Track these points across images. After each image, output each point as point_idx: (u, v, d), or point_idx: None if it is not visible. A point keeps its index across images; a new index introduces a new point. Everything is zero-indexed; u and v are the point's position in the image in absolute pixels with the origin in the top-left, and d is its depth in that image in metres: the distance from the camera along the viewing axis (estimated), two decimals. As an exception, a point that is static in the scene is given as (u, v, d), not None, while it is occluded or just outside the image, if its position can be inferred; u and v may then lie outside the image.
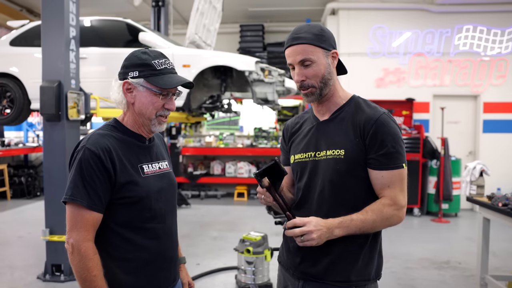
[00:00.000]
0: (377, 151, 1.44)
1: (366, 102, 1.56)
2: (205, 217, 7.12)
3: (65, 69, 4.07)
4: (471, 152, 7.99)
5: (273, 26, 9.39)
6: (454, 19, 7.75)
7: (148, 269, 1.52)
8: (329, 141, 1.52)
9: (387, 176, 1.45)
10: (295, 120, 1.71)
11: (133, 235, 1.49)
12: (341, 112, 1.54)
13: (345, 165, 1.47)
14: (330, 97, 1.55)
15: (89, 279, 1.37)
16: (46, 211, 4.22)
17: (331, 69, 1.51)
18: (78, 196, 1.39)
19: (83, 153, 1.42)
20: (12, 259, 4.81)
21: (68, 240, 1.40)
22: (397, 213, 1.45)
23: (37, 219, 6.67)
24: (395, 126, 1.48)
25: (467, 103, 7.96)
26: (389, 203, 1.44)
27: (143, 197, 1.48)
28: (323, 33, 1.49)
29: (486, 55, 7.75)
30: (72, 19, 4.13)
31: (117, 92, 1.54)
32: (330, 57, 1.50)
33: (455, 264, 4.80)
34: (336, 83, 1.56)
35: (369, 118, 1.47)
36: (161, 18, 6.74)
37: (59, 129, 4.10)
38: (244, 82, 5.47)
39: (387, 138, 1.44)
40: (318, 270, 1.49)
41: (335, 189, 1.48)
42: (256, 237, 3.96)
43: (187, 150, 8.92)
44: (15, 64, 5.16)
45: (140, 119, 1.55)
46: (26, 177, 8.80)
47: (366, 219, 1.41)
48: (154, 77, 1.49)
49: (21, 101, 5.10)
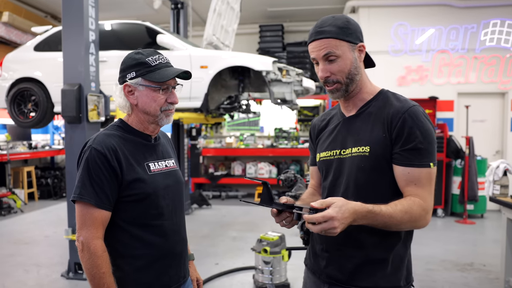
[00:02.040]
0: (403, 145, 1.34)
1: (395, 96, 1.46)
2: (225, 217, 7.15)
3: (85, 72, 4.17)
4: (498, 152, 7.73)
5: (293, 26, 9.33)
6: (479, 13, 7.51)
7: (157, 266, 1.53)
8: (355, 138, 1.45)
9: (414, 173, 1.34)
10: (322, 117, 1.65)
11: (141, 232, 1.51)
12: (368, 107, 1.47)
13: (370, 162, 1.39)
14: (357, 93, 1.48)
15: (98, 276, 1.40)
16: (68, 211, 4.35)
17: (357, 64, 1.42)
18: (86, 195, 1.42)
19: (89, 152, 1.46)
20: (38, 258, 4.96)
21: (78, 238, 1.43)
22: (425, 216, 1.33)
23: (62, 219, 6.86)
24: (426, 121, 1.36)
25: (494, 100, 7.70)
26: (419, 203, 1.32)
27: (150, 194, 1.50)
28: (349, 26, 1.40)
29: (516, 50, 7.46)
30: (91, 23, 4.23)
31: (119, 97, 1.57)
32: (357, 50, 1.42)
33: (479, 266, 4.66)
34: (364, 77, 1.48)
35: (397, 110, 1.38)
36: (180, 20, 6.81)
37: (80, 131, 4.20)
38: (261, 82, 5.46)
39: (415, 132, 1.33)
40: (344, 275, 1.43)
41: (360, 188, 1.41)
42: (273, 237, 3.95)
43: (208, 151, 8.99)
44: (39, 69, 5.33)
45: (146, 118, 1.57)
46: (52, 178, 9.07)
47: (394, 214, 1.27)
48: (150, 73, 1.51)
49: (45, 105, 5.25)
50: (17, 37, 7.91)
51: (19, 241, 5.64)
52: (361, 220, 1.23)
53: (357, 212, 1.21)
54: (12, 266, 4.65)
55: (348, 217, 1.18)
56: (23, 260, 4.85)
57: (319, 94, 8.20)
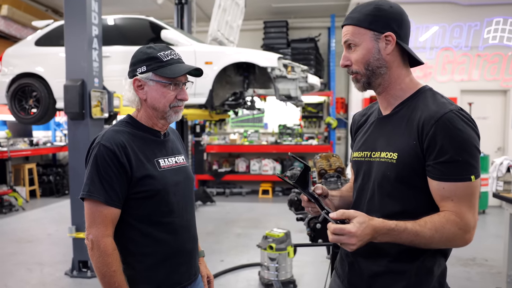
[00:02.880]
0: (436, 158, 1.20)
1: (435, 96, 1.30)
2: (229, 214, 7.10)
3: (88, 67, 4.09)
4: (499, 148, 7.73)
5: (297, 22, 9.24)
6: (483, 11, 7.49)
7: (167, 264, 1.51)
8: (385, 142, 1.34)
9: (450, 189, 1.19)
10: (363, 112, 1.54)
11: (151, 229, 1.48)
12: (403, 108, 1.33)
13: (396, 171, 1.26)
14: (387, 88, 1.35)
15: (109, 274, 1.38)
16: (72, 208, 4.28)
17: (380, 55, 1.29)
18: (95, 192, 1.40)
19: (98, 149, 1.43)
20: (41, 256, 4.91)
21: (88, 236, 1.41)
22: (462, 235, 1.19)
23: (64, 216, 6.80)
24: (466, 128, 1.19)
25: (496, 98, 7.72)
26: (454, 220, 1.18)
27: (160, 190, 1.47)
28: (377, 12, 1.28)
29: (517, 49, 7.46)
30: (94, 17, 4.15)
31: (128, 91, 1.54)
32: (383, 41, 1.28)
33: (482, 261, 4.65)
34: (395, 72, 1.32)
35: (430, 116, 1.21)
36: (184, 15, 6.72)
37: (83, 127, 4.13)
38: (267, 79, 5.39)
39: (451, 142, 1.18)
40: (363, 282, 1.36)
41: (385, 198, 1.30)
42: (279, 233, 3.94)
43: (212, 148, 8.93)
44: (40, 64, 5.25)
45: (154, 113, 1.54)
46: (54, 175, 9.01)
47: (422, 233, 1.16)
48: (161, 68, 1.48)
49: (47, 101, 5.18)
50: (16, 31, 7.80)
51: (21, 240, 5.59)
52: (382, 237, 1.16)
53: (377, 230, 1.14)
54: (15, 265, 4.59)
55: (368, 234, 1.12)
56: (25, 259, 4.79)
57: (323, 91, 8.12)
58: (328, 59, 9.10)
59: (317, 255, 4.72)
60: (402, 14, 1.32)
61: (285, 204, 8.69)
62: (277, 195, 8.85)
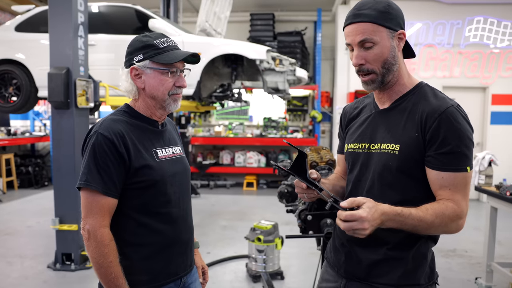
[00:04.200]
0: (438, 149, 1.26)
1: (433, 91, 1.36)
2: (214, 206, 7.08)
3: (73, 55, 3.98)
4: (478, 143, 7.95)
5: (284, 15, 9.21)
6: (465, 10, 7.65)
7: (164, 254, 1.50)
8: (385, 134, 1.37)
9: (449, 178, 1.26)
10: (354, 104, 1.56)
11: (148, 220, 1.47)
12: (403, 102, 1.37)
13: (398, 161, 1.31)
14: (393, 85, 1.38)
15: (105, 265, 1.36)
16: (55, 200, 4.18)
17: (395, 53, 1.32)
18: (93, 182, 1.37)
19: (96, 138, 1.40)
20: (21, 249, 4.78)
21: (84, 226, 1.38)
22: (458, 222, 1.27)
23: (45, 208, 6.66)
24: (465, 123, 1.27)
25: (476, 95, 7.91)
26: (453, 207, 1.25)
27: (158, 181, 1.46)
28: (390, 10, 1.29)
29: (496, 47, 7.67)
30: (80, 4, 4.03)
31: (125, 81, 1.52)
32: (396, 38, 1.31)
33: (462, 252, 4.79)
34: (402, 68, 1.38)
35: (434, 110, 1.28)
36: (170, 5, 6.61)
37: (68, 117, 4.03)
38: (255, 71, 5.37)
39: (453, 135, 1.25)
40: (362, 270, 1.39)
41: (385, 188, 1.34)
42: (267, 225, 3.97)
43: (196, 140, 8.86)
44: (21, 51, 5.07)
45: (153, 102, 1.53)
46: (33, 166, 8.77)
47: (425, 218, 1.22)
48: (158, 55, 1.47)
49: (28, 89, 5.02)
50: (-5, 17, 7.55)
51: (0, 232, 5.43)
52: (390, 222, 1.19)
53: (386, 214, 1.18)
54: (-6, 258, 4.47)
55: (377, 219, 1.15)
56: (4, 252, 4.66)
57: (308, 85, 8.14)
58: (314, 53, 9.12)
59: (303, 247, 4.77)
60: (402, 12, 1.36)
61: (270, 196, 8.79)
62: (262, 187, 8.88)
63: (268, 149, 9.12)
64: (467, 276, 4.08)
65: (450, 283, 3.91)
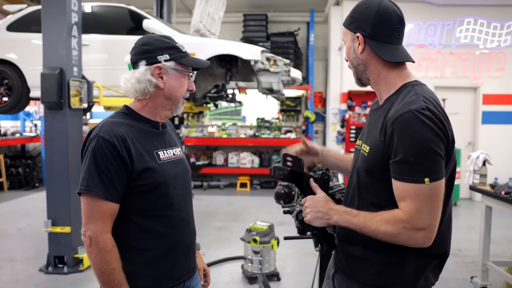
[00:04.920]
0: (393, 157, 1.23)
1: (408, 94, 1.29)
2: (208, 207, 7.05)
3: (67, 56, 3.93)
4: (470, 143, 8.04)
5: (277, 16, 9.22)
6: (455, 11, 7.76)
7: (167, 258, 1.48)
8: (367, 134, 1.41)
9: (402, 188, 1.22)
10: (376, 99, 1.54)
11: (151, 223, 1.45)
12: (386, 103, 1.36)
13: (366, 164, 1.34)
14: (374, 84, 1.41)
15: (108, 272, 1.34)
16: (48, 202, 4.12)
17: (355, 54, 1.37)
18: (94, 187, 1.34)
19: (96, 141, 1.37)
20: (12, 252, 4.70)
21: (85, 232, 1.35)
22: (409, 234, 1.21)
23: (36, 210, 6.57)
24: (422, 129, 1.18)
25: (467, 94, 8.01)
26: (400, 218, 1.21)
27: (160, 183, 1.44)
28: (353, 14, 1.37)
29: (486, 48, 7.79)
30: (74, 4, 3.98)
31: (140, 79, 1.46)
32: (356, 41, 1.35)
33: (456, 251, 4.81)
34: (374, 70, 1.37)
35: (392, 115, 1.25)
36: (163, 6, 6.57)
37: (61, 117, 3.98)
38: (249, 72, 5.35)
39: (403, 143, 1.19)
40: (342, 265, 1.45)
41: (360, 188, 1.39)
42: (262, 226, 3.96)
43: (189, 140, 8.82)
44: (13, 50, 5.00)
45: (165, 103, 1.53)
46: (23, 167, 8.66)
47: (369, 223, 1.25)
48: (183, 58, 1.50)
49: (20, 89, 4.95)
50: (-15, 16, 7.43)
51: (-10, 234, 5.35)
52: (337, 217, 1.32)
53: (333, 210, 1.33)
54: (-16, 261, 4.39)
55: (320, 211, 1.34)
56: (-5, 255, 4.59)
57: (302, 85, 8.15)
58: (307, 54, 9.14)
59: (298, 247, 4.77)
60: (377, 13, 1.31)
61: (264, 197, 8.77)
62: (255, 188, 8.87)
63: (262, 150, 9.11)
64: (462, 275, 4.11)
65: (445, 283, 3.93)
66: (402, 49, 1.37)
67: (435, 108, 1.24)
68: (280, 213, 2.78)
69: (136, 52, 1.48)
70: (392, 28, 1.33)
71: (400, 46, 1.37)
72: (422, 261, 1.33)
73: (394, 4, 1.36)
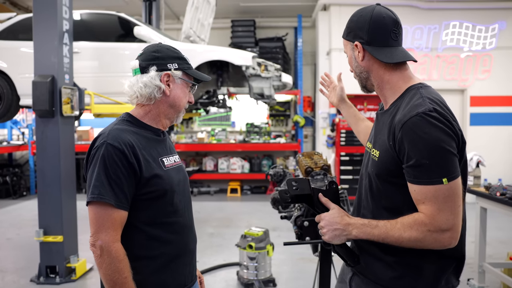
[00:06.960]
0: (406, 161, 1.23)
1: (414, 97, 1.30)
2: (199, 213, 7.02)
3: (58, 63, 3.91)
4: (460, 145, 8.15)
5: (264, 22, 9.29)
6: (441, 15, 7.90)
7: (173, 265, 1.49)
8: (375, 138, 1.43)
9: (420, 191, 1.22)
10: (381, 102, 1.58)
11: (157, 231, 1.45)
12: (392, 107, 1.38)
13: (376, 168, 1.35)
14: (378, 89, 1.44)
15: (120, 281, 1.33)
16: (39, 210, 4.07)
17: (357, 62, 1.41)
18: (106, 195, 1.33)
19: (105, 148, 1.36)
20: (2, 262, 4.62)
21: (95, 242, 1.33)
22: (434, 236, 1.21)
23: (25, 219, 6.47)
24: (432, 131, 1.20)
25: (455, 97, 8.13)
26: (423, 222, 1.21)
27: (167, 190, 1.45)
28: (349, 24, 1.42)
29: (471, 50, 7.93)
30: (65, 12, 3.97)
31: (147, 84, 1.48)
32: (355, 49, 1.40)
33: None
34: (377, 75, 1.40)
35: (399, 120, 1.25)
36: (152, 12, 6.57)
37: (53, 125, 3.95)
38: (240, 77, 5.39)
39: (415, 147, 1.20)
40: (362, 266, 1.43)
41: (371, 192, 1.40)
42: (258, 232, 3.94)
43: (179, 147, 8.79)
44: (3, 59, 4.94)
45: (168, 111, 1.55)
46: (11, 176, 8.50)
47: (392, 231, 1.24)
48: (190, 70, 1.55)
49: (10, 97, 4.89)
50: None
51: (-22, 245, 5.25)
52: (356, 231, 1.30)
53: (351, 225, 1.31)
54: (-27, 272, 4.31)
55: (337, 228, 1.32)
56: (-16, 266, 4.50)
57: (291, 90, 8.22)
58: (295, 58, 9.22)
59: (293, 253, 4.78)
60: (371, 20, 1.36)
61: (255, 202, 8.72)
62: (246, 193, 8.88)
63: (252, 155, 9.14)
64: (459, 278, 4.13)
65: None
66: (401, 50, 1.39)
67: (442, 109, 1.25)
68: (272, 219, 2.78)
69: (147, 58, 1.49)
70: (387, 31, 1.36)
71: (399, 48, 1.38)
72: (441, 263, 1.33)
73: (387, 8, 1.40)
